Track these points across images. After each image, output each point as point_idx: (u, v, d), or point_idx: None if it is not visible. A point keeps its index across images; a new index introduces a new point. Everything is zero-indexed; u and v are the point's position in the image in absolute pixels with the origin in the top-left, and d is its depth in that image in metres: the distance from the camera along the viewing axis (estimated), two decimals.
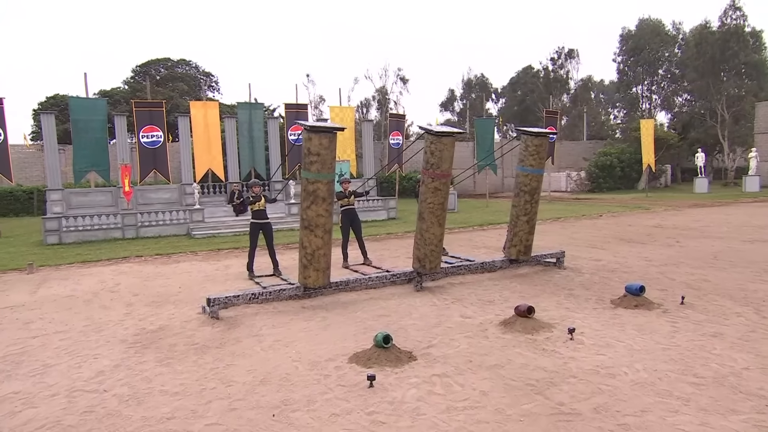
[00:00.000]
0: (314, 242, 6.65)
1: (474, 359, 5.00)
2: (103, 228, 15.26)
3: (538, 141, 8.03)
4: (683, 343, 5.31)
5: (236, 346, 5.56)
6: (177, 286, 8.62)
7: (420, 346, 5.42)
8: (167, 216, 16.06)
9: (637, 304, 6.66)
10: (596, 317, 6.28)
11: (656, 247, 11.37)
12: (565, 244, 12.20)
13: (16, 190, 26.17)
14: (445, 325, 6.07)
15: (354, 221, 10.06)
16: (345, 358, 5.10)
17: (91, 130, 16.45)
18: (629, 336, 5.58)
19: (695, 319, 6.11)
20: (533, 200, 8.24)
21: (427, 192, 7.33)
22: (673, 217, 17.83)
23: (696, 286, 7.69)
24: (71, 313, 7.13)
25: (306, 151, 6.49)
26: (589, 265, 9.52)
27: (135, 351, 5.46)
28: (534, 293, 7.52)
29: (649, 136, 27.75)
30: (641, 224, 15.74)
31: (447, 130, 7.04)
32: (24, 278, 9.96)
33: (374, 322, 6.29)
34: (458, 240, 13.46)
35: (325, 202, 6.58)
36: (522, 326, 5.84)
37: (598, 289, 7.69)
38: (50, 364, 5.13)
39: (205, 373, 4.82)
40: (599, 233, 13.99)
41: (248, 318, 6.57)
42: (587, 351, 5.17)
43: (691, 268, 9.07)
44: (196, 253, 12.47)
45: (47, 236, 14.62)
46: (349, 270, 9.70)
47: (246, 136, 19.15)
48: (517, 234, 8.38)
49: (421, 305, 7.02)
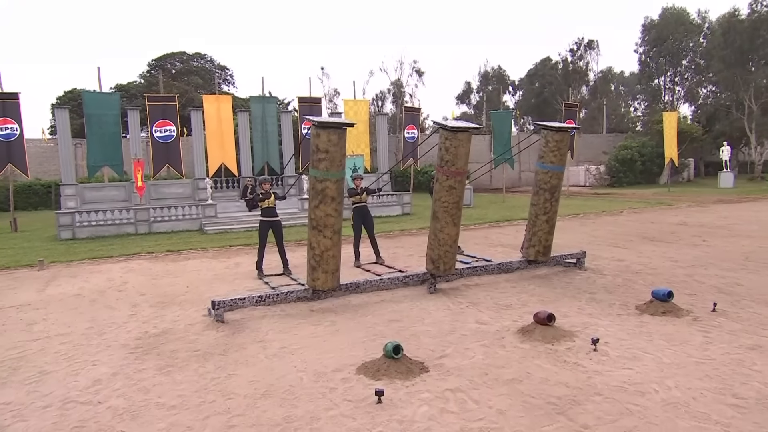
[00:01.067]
0: (323, 243, 6.37)
1: (490, 372, 4.68)
2: (116, 223, 15.19)
3: (559, 136, 7.62)
4: (718, 357, 4.91)
5: (240, 353, 5.31)
6: (184, 286, 8.42)
7: (433, 356, 5.11)
8: (180, 211, 15.95)
9: (665, 311, 6.26)
10: (621, 325, 5.90)
11: (681, 247, 10.88)
12: (585, 242, 11.77)
13: (35, 184, 26.38)
14: (459, 333, 5.75)
15: (366, 219, 9.77)
16: (353, 369, 4.81)
17: (104, 124, 16.38)
18: (658, 347, 5.20)
19: (730, 329, 5.69)
20: (553, 198, 7.85)
21: (441, 190, 6.99)
22: (698, 213, 17.20)
23: (727, 291, 7.25)
24: (76, 313, 6.96)
25: (314, 147, 6.20)
26: (611, 265, 9.10)
27: (135, 357, 5.24)
28: (554, 297, 7.15)
29: (671, 129, 26.90)
30: (664, 221, 15.18)
31: (463, 126, 6.68)
32: (34, 275, 9.87)
33: (385, 328, 5.99)
34: (473, 238, 13.09)
35: (334, 202, 6.28)
36: (541, 335, 5.49)
37: (621, 293, 7.28)
38: (47, 371, 4.94)
39: (205, 383, 4.57)
40: (621, 231, 13.50)
41: (254, 321, 6.33)
42: (613, 364, 4.81)
43: (720, 270, 8.60)
44: (207, 250, 12.30)
45: (61, 231, 14.60)
46: (360, 269, 9.43)
47: (259, 130, 18.95)
48: (536, 234, 8.00)
49: (434, 309, 6.70)
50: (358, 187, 9.70)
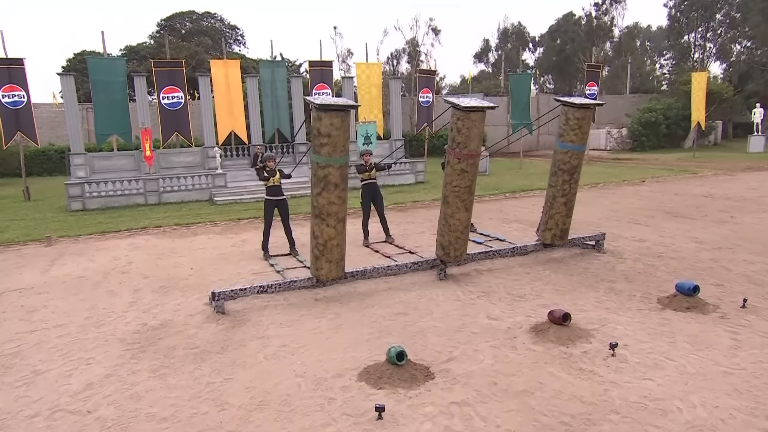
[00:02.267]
0: (326, 232, 6.05)
1: (500, 381, 4.39)
2: (126, 194, 15.06)
3: (581, 114, 7.07)
4: (748, 366, 4.55)
5: (238, 351, 5.11)
6: (189, 267, 8.23)
7: (439, 359, 4.84)
8: (189, 181, 15.73)
9: (689, 306, 5.87)
10: (641, 322, 5.55)
11: (707, 224, 10.35)
12: (604, 218, 11.29)
13: (48, 150, 26.36)
14: (468, 330, 5.46)
15: (375, 196, 9.41)
16: (354, 374, 4.57)
17: (110, 91, 16.03)
18: (681, 352, 4.85)
19: (761, 329, 5.30)
20: (572, 180, 7.37)
21: (452, 174, 6.56)
22: (725, 183, 16.46)
23: (758, 281, 6.80)
24: (77, 299, 6.83)
25: (315, 131, 5.79)
26: (631, 247, 8.66)
27: (131, 355, 5.06)
28: (570, 286, 6.80)
29: (700, 91, 25.60)
30: (689, 193, 14.54)
31: (476, 105, 6.19)
32: (41, 252, 9.78)
33: (391, 323, 5.73)
34: (488, 211, 12.66)
35: (337, 189, 5.92)
36: (556, 335, 5.17)
37: (642, 281, 6.89)
38: (40, 371, 4.79)
39: (199, 389, 4.37)
40: (642, 204, 12.94)
41: (256, 313, 6.11)
42: (631, 373, 4.48)
43: (750, 254, 8.11)
44: (216, 224, 12.10)
45: (71, 202, 14.52)
46: (369, 248, 9.15)
47: (269, 95, 18.43)
48: (553, 217, 7.57)
49: (443, 300, 6.40)
50: (367, 163, 9.29)
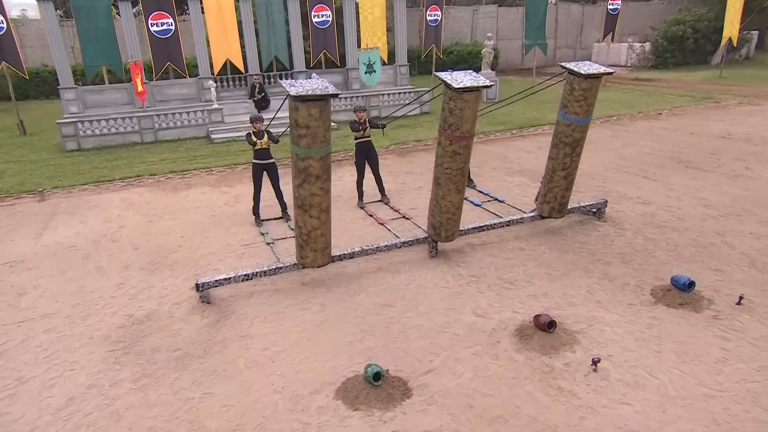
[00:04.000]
0: (310, 223, 5.83)
1: (476, 402, 4.38)
2: (121, 132, 14.69)
3: (587, 84, 6.47)
4: (732, 386, 4.47)
5: (220, 355, 5.12)
6: (179, 235, 8.14)
7: (419, 369, 4.81)
8: (185, 117, 15.24)
9: (683, 302, 5.71)
10: (631, 322, 5.42)
11: (719, 179, 9.88)
12: (611, 168, 10.84)
13: (42, 71, 25.52)
14: (452, 331, 5.39)
15: (370, 155, 9.02)
16: (332, 389, 4.58)
17: (95, 18, 15.05)
18: (666, 365, 4.77)
19: (753, 335, 5.16)
20: (574, 153, 6.92)
21: (444, 156, 6.17)
22: (748, 117, 15.55)
23: (760, 264, 6.55)
24: (66, 279, 6.83)
25: (293, 122, 5.37)
26: (633, 213, 8.34)
27: (114, 359, 5.11)
28: (563, 269, 6.62)
29: (738, 1, 23.39)
30: (706, 132, 13.80)
31: (470, 85, 5.64)
32: (34, 210, 9.72)
33: (375, 318, 5.67)
34: (491, 158, 12.19)
35: (319, 180, 5.60)
36: (539, 342, 5.08)
37: (639, 264, 6.68)
38: (25, 378, 4.87)
39: (178, 407, 4.43)
40: (654, 148, 12.34)
41: (242, 301, 6.08)
42: (611, 393, 4.43)
43: (758, 223, 7.78)
44: (211, 171, 11.86)
45: (65, 142, 14.24)
46: (364, 211, 8.94)
47: (264, 20, 17.24)
48: (552, 190, 7.21)
49: (431, 287, 6.29)
50: (361, 120, 8.80)
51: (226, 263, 7.13)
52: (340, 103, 17.03)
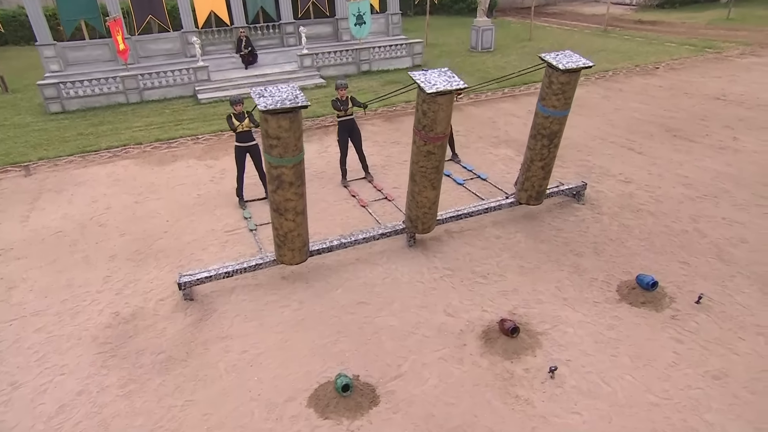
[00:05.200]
0: (286, 225, 5.96)
1: (438, 411, 4.71)
2: (105, 93, 14.43)
3: (566, 78, 6.36)
4: (677, 394, 4.79)
5: (202, 358, 5.42)
6: (165, 219, 8.28)
7: (388, 375, 5.12)
8: (170, 77, 14.90)
9: (645, 301, 5.96)
10: (593, 323, 5.69)
11: (704, 152, 9.89)
12: (598, 138, 10.80)
13: (20, 14, 24.48)
14: (422, 332, 5.66)
15: (353, 133, 8.97)
16: (306, 396, 4.91)
17: None
18: (620, 370, 5.07)
19: (706, 337, 5.45)
20: (552, 145, 6.92)
21: (419, 154, 6.19)
22: (747, 73, 15.19)
23: (727, 256, 6.75)
24: (54, 271, 7.05)
25: (264, 132, 5.36)
26: (613, 194, 8.44)
27: (102, 362, 5.41)
28: (535, 261, 6.82)
29: None
30: (701, 92, 13.56)
31: (443, 89, 5.57)
32: (21, 185, 9.80)
33: (350, 317, 5.93)
34: (480, 123, 12.08)
35: (293, 186, 5.67)
36: (503, 347, 5.37)
37: (610, 255, 6.87)
38: (18, 383, 5.19)
39: (161, 415, 4.77)
40: (645, 112, 12.19)
41: (223, 298, 6.32)
42: (564, 402, 4.76)
43: (733, 206, 7.91)
44: (198, 139, 11.81)
45: (48, 104, 14.04)
46: (347, 190, 9.02)
47: None
48: (530, 179, 7.28)
49: (406, 281, 6.52)
50: (342, 98, 8.68)
51: (210, 252, 7.32)
52: (330, 58, 16.59)
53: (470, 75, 16.35)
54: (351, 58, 16.84)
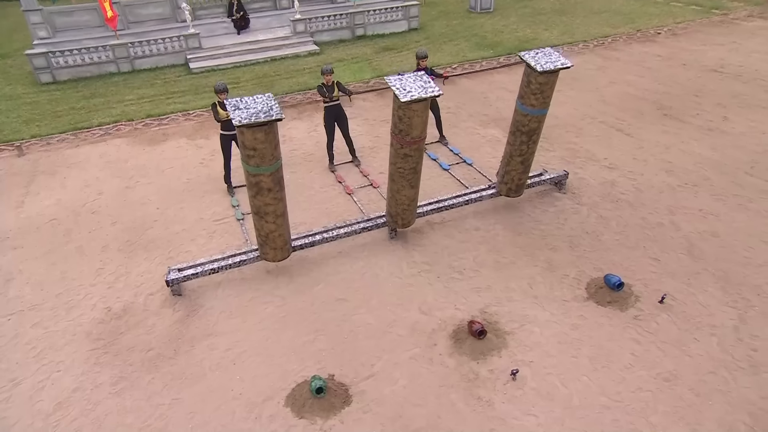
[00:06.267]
0: (266, 227, 6.17)
1: (405, 412, 5.09)
2: (96, 62, 14.31)
3: (543, 79, 6.37)
4: (628, 396, 5.13)
5: (188, 356, 5.78)
6: (155, 207, 8.49)
7: (361, 374, 5.48)
8: (161, 45, 14.71)
9: (611, 300, 6.23)
10: (559, 322, 5.99)
11: (691, 134, 9.91)
12: (588, 117, 10.79)
13: None
14: (396, 331, 5.98)
15: (339, 118, 9.01)
16: (284, 395, 5.28)
17: None
18: (579, 371, 5.41)
19: (663, 338, 5.75)
20: (531, 141, 7.00)
21: (396, 156, 6.31)
22: (750, 40, 14.83)
23: (696, 252, 6.96)
24: (49, 263, 7.34)
25: (241, 143, 5.48)
26: (595, 182, 8.56)
27: (95, 359, 5.78)
28: (511, 256, 7.05)
29: None
30: (699, 63, 13.33)
31: (417, 97, 5.62)
32: (15, 166, 9.98)
33: (330, 314, 6.24)
34: (471, 98, 12.00)
35: (271, 192, 5.84)
36: (470, 348, 5.69)
37: (585, 250, 7.09)
38: (18, 379, 5.58)
39: (150, 413, 5.17)
40: (639, 87, 12.06)
41: (210, 293, 6.63)
42: (522, 404, 5.12)
43: (710, 197, 8.05)
44: (189, 115, 11.83)
45: (39, 74, 13.96)
46: (334, 176, 9.17)
47: None
48: (509, 173, 7.40)
49: (386, 276, 6.79)
50: (329, 82, 8.67)
51: (198, 243, 7.58)
52: (324, 22, 16.24)
53: (466, 40, 16.08)
54: (345, 23, 16.48)
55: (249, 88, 13.17)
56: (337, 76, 13.67)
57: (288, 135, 10.67)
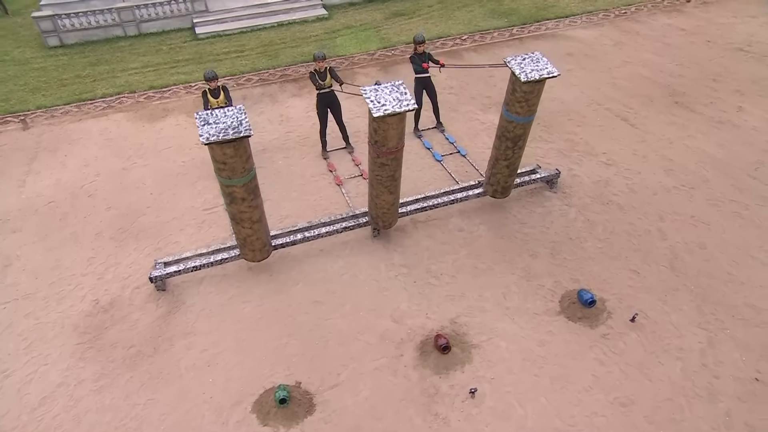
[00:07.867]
0: (243, 232, 6.29)
1: (364, 424, 5.32)
2: (102, 25, 14.20)
3: (528, 87, 6.13)
4: (581, 420, 5.27)
5: (166, 354, 6.08)
6: (149, 192, 8.66)
7: (327, 383, 5.71)
8: (167, 8, 14.46)
9: (582, 316, 6.26)
10: (527, 337, 6.07)
11: (700, 126, 9.51)
12: (594, 104, 10.39)
13: None
14: (366, 339, 6.15)
15: (333, 105, 8.88)
16: (251, 401, 5.57)
17: None
18: (537, 392, 5.53)
19: (628, 360, 5.80)
20: (516, 147, 6.83)
21: (374, 165, 6.27)
22: None
23: (678, 266, 6.87)
24: (45, 249, 7.63)
25: (211, 155, 5.51)
26: (589, 180, 8.37)
27: (81, 354, 6.13)
28: (490, 261, 7.06)
29: None
30: (724, 41, 12.53)
31: (391, 112, 5.51)
32: (19, 140, 10.18)
33: (304, 317, 6.44)
34: (476, 78, 11.60)
35: (245, 201, 5.91)
36: (435, 362, 5.84)
37: (565, 257, 7.06)
38: (8, 371, 5.97)
39: (126, 413, 5.52)
40: (654, 69, 11.46)
41: (192, 289, 6.87)
42: (478, 422, 5.30)
43: (706, 201, 7.83)
44: (190, 88, 11.79)
45: (47, 38, 13.95)
46: (326, 163, 9.15)
47: None
48: (495, 175, 7.29)
49: (363, 279, 6.91)
50: (321, 69, 8.51)
51: (186, 234, 7.77)
52: None
53: (481, 6, 15.36)
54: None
55: (253, 57, 12.98)
56: (342, 45, 13.37)
57: (286, 114, 10.60)
